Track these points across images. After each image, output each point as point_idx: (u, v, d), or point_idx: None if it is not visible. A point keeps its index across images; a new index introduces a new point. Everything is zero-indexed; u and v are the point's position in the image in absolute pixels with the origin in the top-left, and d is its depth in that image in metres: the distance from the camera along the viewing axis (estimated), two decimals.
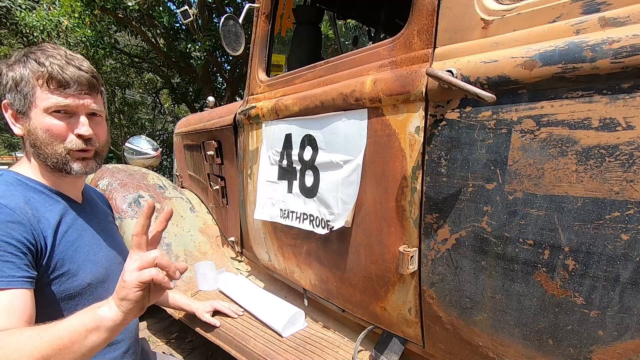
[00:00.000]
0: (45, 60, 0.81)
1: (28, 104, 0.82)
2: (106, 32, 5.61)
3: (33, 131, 0.83)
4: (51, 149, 0.83)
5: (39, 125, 0.82)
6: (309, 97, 1.15)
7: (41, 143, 0.83)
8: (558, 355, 0.73)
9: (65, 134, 0.84)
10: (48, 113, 0.82)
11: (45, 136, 0.83)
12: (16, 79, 0.81)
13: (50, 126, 0.83)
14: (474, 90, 0.68)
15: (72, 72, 0.83)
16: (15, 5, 5.90)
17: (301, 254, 1.33)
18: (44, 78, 0.81)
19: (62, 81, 0.82)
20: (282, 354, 1.26)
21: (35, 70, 0.81)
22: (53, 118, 0.83)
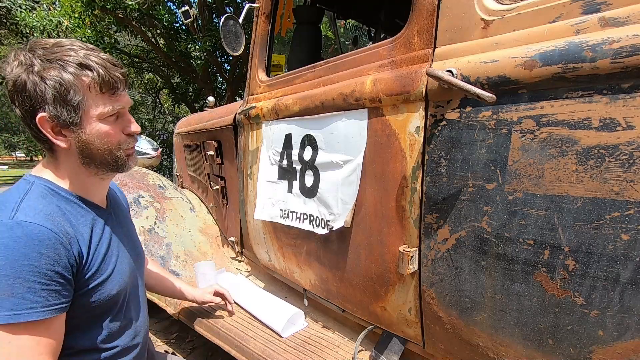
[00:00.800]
0: (88, 61, 0.75)
1: (80, 115, 0.76)
2: (106, 32, 5.61)
3: (89, 141, 0.78)
4: (111, 155, 0.81)
5: (95, 133, 0.78)
6: (309, 97, 1.15)
7: (99, 151, 0.80)
8: (558, 355, 0.73)
9: (121, 136, 0.83)
10: (101, 119, 0.78)
11: (105, 143, 0.80)
12: (61, 89, 0.73)
13: (108, 132, 0.80)
14: (474, 90, 0.68)
15: (117, 73, 0.79)
16: (15, 5, 5.90)
17: (301, 254, 1.33)
18: (97, 84, 0.76)
19: (114, 84, 0.78)
20: (282, 354, 1.26)
21: (81, 75, 0.74)
22: (106, 123, 0.79)
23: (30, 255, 0.69)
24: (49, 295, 0.71)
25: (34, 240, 0.70)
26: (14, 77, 0.73)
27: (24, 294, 0.68)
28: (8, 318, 0.67)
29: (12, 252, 0.67)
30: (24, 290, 0.68)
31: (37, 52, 0.74)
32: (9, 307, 0.67)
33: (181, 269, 1.84)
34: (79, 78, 0.74)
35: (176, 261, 1.85)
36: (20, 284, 0.68)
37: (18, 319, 0.68)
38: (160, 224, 1.97)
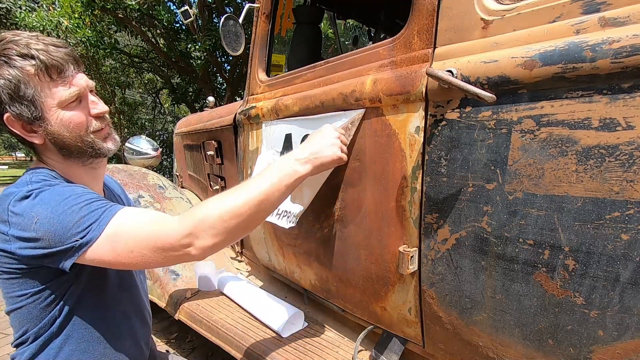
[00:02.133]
0: (29, 50, 0.72)
1: (40, 107, 0.74)
2: (106, 32, 5.62)
3: (57, 132, 0.77)
4: (82, 141, 0.80)
5: (60, 123, 0.76)
6: (309, 97, 1.15)
7: (70, 140, 0.78)
8: (558, 355, 0.73)
9: (88, 120, 0.80)
10: (62, 107, 0.76)
11: (72, 130, 0.78)
12: (11, 86, 0.71)
13: (72, 119, 0.77)
14: (474, 90, 0.68)
15: (60, 54, 0.75)
16: (15, 6, 5.90)
17: (301, 254, 1.33)
18: (42, 71, 0.73)
19: (59, 66, 0.74)
20: (282, 354, 1.26)
21: (25, 66, 0.72)
22: (69, 110, 0.77)
23: (63, 192, 0.73)
24: (106, 201, 0.77)
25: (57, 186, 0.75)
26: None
27: (89, 208, 0.73)
28: (97, 228, 0.72)
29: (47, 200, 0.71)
30: (86, 209, 0.73)
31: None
32: (90, 221, 0.72)
33: (181, 269, 1.84)
34: (23, 70, 0.72)
35: None
36: (80, 208, 0.72)
37: (105, 222, 0.73)
38: None
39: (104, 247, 0.72)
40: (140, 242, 0.73)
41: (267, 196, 0.80)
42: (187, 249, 0.74)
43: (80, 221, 0.71)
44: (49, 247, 0.71)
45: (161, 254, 0.74)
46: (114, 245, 0.73)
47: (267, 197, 0.80)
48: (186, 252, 0.74)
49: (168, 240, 0.73)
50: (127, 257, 0.73)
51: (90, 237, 0.71)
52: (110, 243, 0.72)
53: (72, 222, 0.71)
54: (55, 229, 0.70)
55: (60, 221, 0.70)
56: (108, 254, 0.73)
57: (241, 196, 0.77)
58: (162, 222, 0.75)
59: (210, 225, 0.74)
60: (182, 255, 0.75)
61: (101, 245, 0.72)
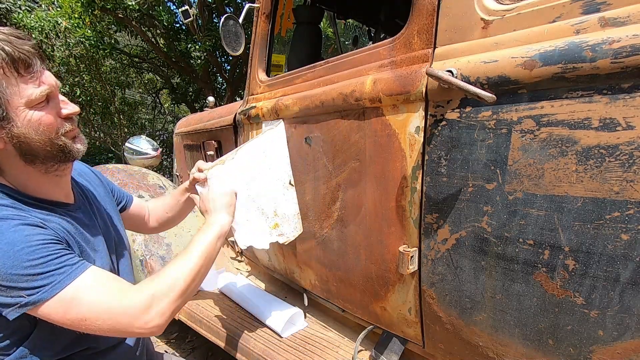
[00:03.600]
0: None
1: (4, 106, 0.65)
2: (106, 32, 5.61)
3: (24, 135, 0.68)
4: (51, 144, 0.72)
5: (28, 124, 0.68)
6: (309, 97, 1.15)
7: (39, 144, 0.70)
8: (558, 355, 0.73)
9: (57, 122, 0.73)
10: (30, 107, 0.68)
11: (41, 133, 0.70)
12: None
13: (42, 120, 0.69)
14: (474, 90, 0.68)
15: (26, 47, 0.67)
16: (15, 6, 5.90)
17: (301, 254, 1.33)
18: (8, 65, 0.64)
19: (27, 60, 0.66)
20: (282, 354, 1.26)
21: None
22: (38, 110, 0.69)
23: (16, 241, 0.65)
24: (67, 258, 0.71)
25: (10, 229, 0.66)
26: None
27: (44, 269, 0.67)
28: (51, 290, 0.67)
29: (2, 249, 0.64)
30: (40, 267, 0.67)
31: None
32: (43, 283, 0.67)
33: None
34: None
35: None
36: (31, 266, 0.66)
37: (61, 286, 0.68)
38: None
39: (54, 309, 0.68)
40: (96, 314, 0.70)
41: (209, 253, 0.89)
42: (146, 327, 0.75)
43: (31, 278, 0.66)
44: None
45: (113, 328, 0.72)
46: (66, 309, 0.69)
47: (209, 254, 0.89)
48: (145, 329, 0.75)
49: (124, 319, 0.72)
50: (77, 323, 0.70)
51: (40, 297, 0.67)
52: (62, 307, 0.68)
53: (21, 278, 0.65)
54: (1, 281, 0.64)
55: (6, 274, 0.64)
56: (57, 316, 0.69)
57: (183, 274, 0.82)
58: (122, 297, 0.73)
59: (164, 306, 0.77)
60: (139, 333, 0.75)
61: (51, 307, 0.68)
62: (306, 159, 1.21)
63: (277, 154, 1.24)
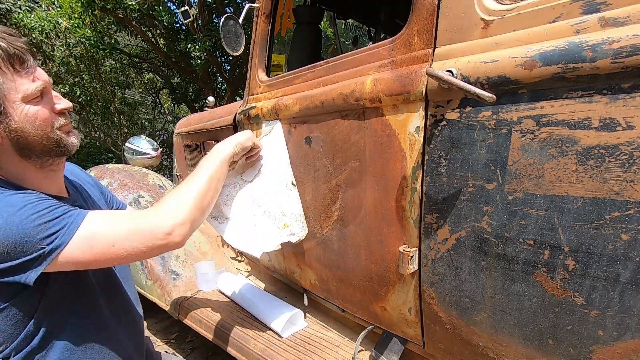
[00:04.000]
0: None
1: (1, 101, 0.67)
2: (106, 32, 5.61)
3: (21, 129, 0.70)
4: (47, 138, 0.74)
5: (25, 118, 0.70)
6: (309, 97, 1.15)
7: (35, 137, 0.72)
8: (558, 355, 0.73)
9: (52, 116, 0.75)
10: (27, 101, 0.69)
11: (38, 127, 0.71)
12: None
13: (38, 114, 0.71)
14: (474, 90, 0.68)
15: (19, 43, 0.68)
16: (15, 6, 5.90)
17: (301, 254, 1.33)
18: (4, 61, 0.66)
19: (22, 56, 0.68)
20: (282, 354, 1.26)
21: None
22: (34, 104, 0.71)
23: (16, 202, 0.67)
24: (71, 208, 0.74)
25: (7, 195, 0.68)
26: None
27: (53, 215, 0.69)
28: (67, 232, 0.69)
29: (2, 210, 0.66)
30: (48, 216, 0.68)
31: None
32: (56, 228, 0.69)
33: (181, 269, 1.84)
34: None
35: (176, 261, 1.85)
36: (39, 216, 0.67)
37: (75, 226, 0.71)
38: None
39: (79, 248, 0.70)
40: (121, 235, 0.74)
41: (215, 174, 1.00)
42: (170, 237, 0.80)
43: (43, 227, 0.67)
44: (9, 259, 0.64)
45: (144, 244, 0.77)
46: (91, 244, 0.71)
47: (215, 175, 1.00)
48: (170, 239, 0.80)
49: (150, 229, 0.78)
50: (106, 253, 0.73)
51: (61, 241, 0.68)
52: (86, 242, 0.71)
53: (34, 229, 0.66)
54: (15, 240, 0.64)
55: (19, 231, 0.64)
56: (84, 254, 0.71)
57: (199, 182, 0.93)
58: (139, 214, 0.81)
59: (186, 213, 0.84)
60: (165, 244, 0.80)
61: (75, 247, 0.70)
62: (306, 159, 1.21)
63: (276, 155, 1.25)
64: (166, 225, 0.80)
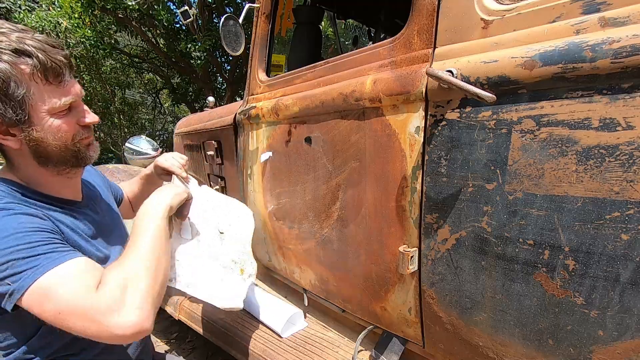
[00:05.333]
0: (24, 46, 0.64)
1: (27, 110, 0.67)
2: (106, 32, 5.61)
3: (42, 139, 0.70)
4: (66, 149, 0.74)
5: (48, 129, 0.70)
6: (309, 97, 1.15)
7: (54, 148, 0.72)
8: (558, 355, 0.73)
9: (75, 129, 0.75)
10: (52, 114, 0.70)
11: (59, 139, 0.72)
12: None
13: (61, 127, 0.71)
14: (474, 90, 0.68)
15: (59, 56, 0.69)
16: (15, 6, 5.90)
17: (301, 254, 1.33)
18: (40, 72, 0.66)
19: (58, 70, 0.68)
20: (282, 354, 1.26)
21: (19, 63, 0.64)
22: (59, 117, 0.71)
23: (8, 226, 0.65)
24: (56, 246, 0.68)
25: (5, 216, 0.66)
26: None
27: (29, 253, 0.65)
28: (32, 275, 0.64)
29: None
30: (25, 252, 0.64)
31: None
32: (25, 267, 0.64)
33: None
34: (17, 67, 0.64)
35: None
36: (17, 250, 0.64)
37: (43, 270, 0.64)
38: None
39: (33, 299, 0.64)
40: (69, 311, 0.64)
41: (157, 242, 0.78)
42: (118, 329, 0.65)
43: (14, 263, 0.63)
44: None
45: (86, 330, 0.65)
46: (43, 300, 0.64)
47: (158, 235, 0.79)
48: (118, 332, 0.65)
49: (96, 318, 0.64)
50: (55, 317, 0.65)
51: (22, 284, 0.64)
52: (40, 296, 0.64)
53: (7, 263, 0.63)
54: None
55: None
56: (36, 308, 0.65)
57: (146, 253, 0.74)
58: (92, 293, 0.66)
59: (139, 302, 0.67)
60: (110, 335, 0.65)
61: (30, 297, 0.64)
62: (306, 159, 1.21)
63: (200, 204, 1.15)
64: (116, 313, 0.65)
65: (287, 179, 1.31)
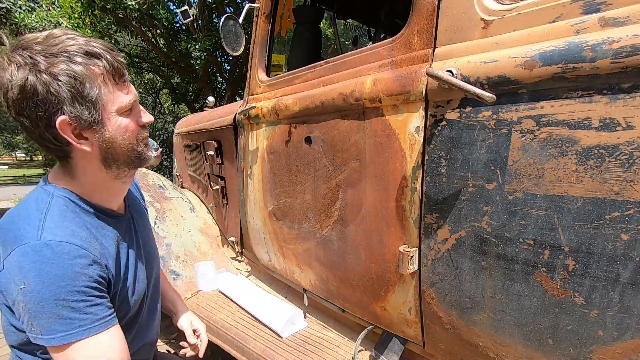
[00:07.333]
0: (93, 48, 0.67)
1: (100, 111, 0.68)
2: (106, 32, 5.61)
3: (112, 139, 0.71)
4: (133, 150, 0.75)
5: (117, 130, 0.72)
6: (309, 97, 1.15)
7: (122, 148, 0.73)
8: (558, 355, 0.73)
9: (136, 127, 0.76)
10: (120, 113, 0.72)
11: (126, 139, 0.73)
12: (76, 83, 0.64)
13: (128, 127, 0.73)
14: (474, 90, 0.68)
15: (120, 58, 0.72)
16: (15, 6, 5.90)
17: (301, 254, 1.33)
18: (109, 73, 0.68)
19: (122, 71, 0.71)
20: (282, 354, 1.26)
21: (90, 65, 0.66)
22: (125, 117, 0.73)
23: (65, 276, 0.66)
24: (96, 310, 0.70)
25: (66, 260, 0.66)
26: (20, 81, 0.62)
27: (69, 314, 0.67)
28: (61, 339, 0.67)
29: (46, 275, 0.65)
30: (68, 311, 0.67)
31: (34, 48, 0.63)
32: (60, 329, 0.66)
33: (181, 269, 1.84)
34: (89, 68, 0.66)
35: (176, 261, 1.85)
36: (63, 306, 0.66)
37: (71, 339, 0.67)
38: (160, 224, 1.97)
39: (52, 350, 0.69)
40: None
41: None
42: None
43: (49, 320, 0.66)
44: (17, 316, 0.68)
45: None
46: (58, 357, 0.69)
47: None
48: None
49: None
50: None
51: (47, 342, 0.67)
52: (58, 355, 0.68)
53: (48, 312, 0.66)
54: (29, 307, 0.65)
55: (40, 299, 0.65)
56: (51, 353, 0.69)
57: None
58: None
59: None
60: None
61: (51, 349, 0.68)
62: (306, 159, 1.21)
63: None
64: None
65: (287, 179, 1.31)
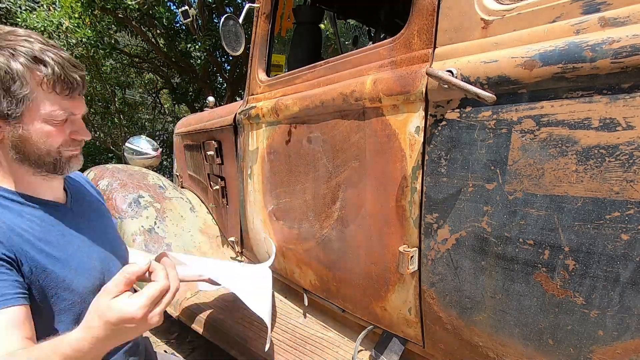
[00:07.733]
0: (43, 56, 0.69)
1: (22, 109, 0.70)
2: (106, 32, 5.61)
3: (26, 138, 0.72)
4: (49, 156, 0.75)
5: (35, 131, 0.72)
6: (309, 97, 1.15)
7: (35, 150, 0.74)
8: (558, 355, 0.73)
9: (65, 139, 0.77)
10: (47, 120, 0.72)
11: (45, 143, 0.74)
12: (5, 77, 0.66)
13: (51, 133, 0.74)
14: (474, 90, 0.68)
15: (75, 75, 0.73)
16: (15, 6, 5.90)
17: (301, 254, 1.33)
18: (50, 81, 0.70)
19: (69, 84, 0.72)
20: (282, 354, 1.26)
21: (33, 69, 0.68)
22: (52, 125, 0.74)
23: None
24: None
25: None
26: None
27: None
28: None
29: None
30: None
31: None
32: None
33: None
34: (30, 71, 0.68)
35: None
36: None
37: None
38: (160, 224, 1.97)
39: None
40: None
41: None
42: None
43: None
44: None
45: None
46: None
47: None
48: None
49: None
50: None
51: None
52: None
53: None
54: None
55: None
56: None
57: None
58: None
59: None
60: None
61: None
62: (306, 159, 1.21)
63: None
64: None
65: (287, 179, 1.31)
